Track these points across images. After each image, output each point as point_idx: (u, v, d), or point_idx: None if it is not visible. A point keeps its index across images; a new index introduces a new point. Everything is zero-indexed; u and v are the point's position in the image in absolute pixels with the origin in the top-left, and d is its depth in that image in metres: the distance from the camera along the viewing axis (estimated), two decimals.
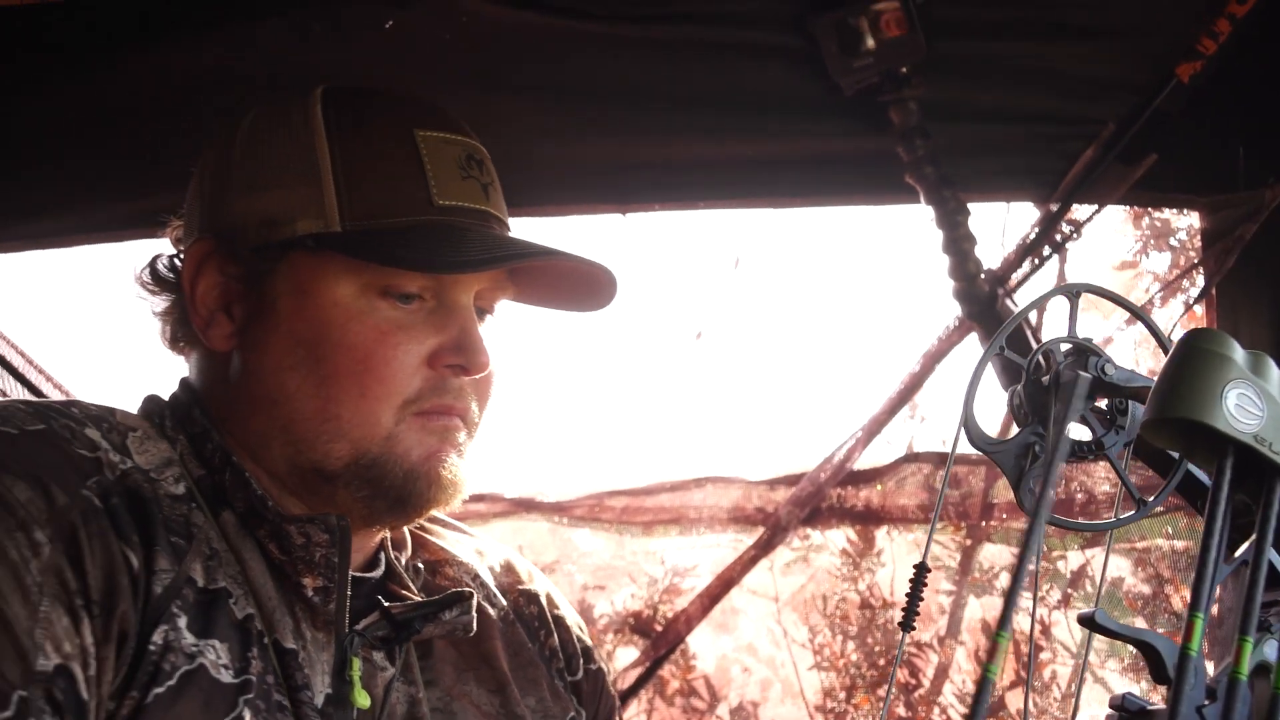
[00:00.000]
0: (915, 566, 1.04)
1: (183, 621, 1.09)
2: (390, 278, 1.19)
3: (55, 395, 2.32)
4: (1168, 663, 0.91)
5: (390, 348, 1.19)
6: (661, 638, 2.88)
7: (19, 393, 2.27)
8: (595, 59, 1.85)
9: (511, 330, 1.38)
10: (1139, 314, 1.13)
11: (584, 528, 2.94)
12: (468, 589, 1.30)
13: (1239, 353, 0.79)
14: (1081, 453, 1.06)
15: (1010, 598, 0.75)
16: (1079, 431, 1.07)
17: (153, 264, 1.31)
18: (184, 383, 1.29)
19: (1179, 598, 2.73)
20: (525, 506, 2.88)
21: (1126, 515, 1.08)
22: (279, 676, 1.14)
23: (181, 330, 1.29)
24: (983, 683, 0.73)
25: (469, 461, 1.24)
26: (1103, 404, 1.07)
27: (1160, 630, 1.15)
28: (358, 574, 1.26)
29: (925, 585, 1.05)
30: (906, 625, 1.03)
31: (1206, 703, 0.87)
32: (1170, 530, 2.74)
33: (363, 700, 1.19)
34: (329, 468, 1.20)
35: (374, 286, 1.20)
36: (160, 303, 1.31)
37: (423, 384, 1.20)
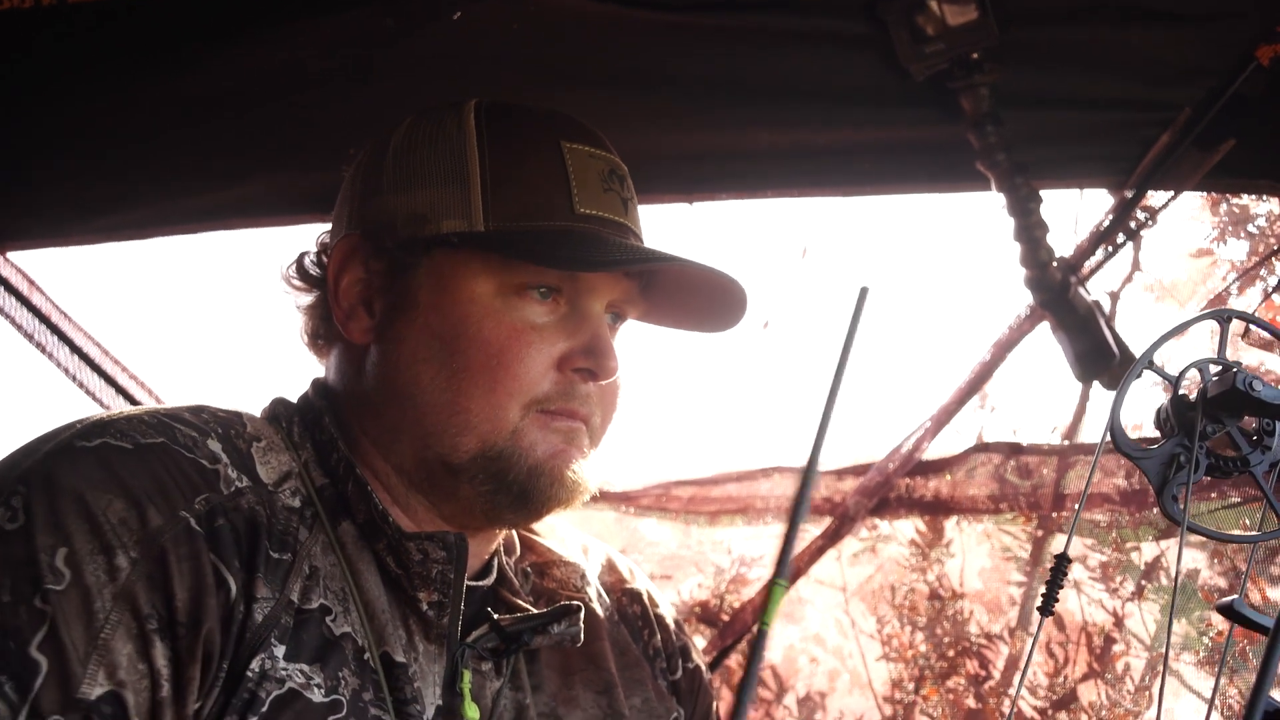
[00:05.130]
0: (1056, 557, 1.06)
1: (280, 650, 1.10)
2: (526, 277, 1.21)
3: (144, 398, 2.36)
4: None
5: (522, 346, 1.21)
6: (728, 627, 2.87)
7: (110, 396, 2.31)
8: (663, 49, 1.85)
9: None
10: None
11: (650, 517, 2.95)
12: (577, 602, 1.30)
13: None
14: (1226, 469, 1.06)
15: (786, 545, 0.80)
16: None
17: (300, 260, 1.34)
18: (317, 384, 1.32)
19: (1256, 591, 2.68)
20: (592, 495, 2.88)
21: (1272, 531, 1.07)
22: (381, 691, 1.15)
23: (323, 326, 1.32)
24: (759, 638, 0.78)
25: (592, 465, 1.26)
26: (1252, 425, 1.07)
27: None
28: (470, 582, 1.27)
29: (1066, 575, 1.07)
30: (1045, 610, 1.06)
31: None
32: (1248, 522, 2.69)
33: (472, 712, 1.21)
34: (455, 460, 1.21)
35: (511, 286, 1.22)
36: (304, 299, 1.33)
37: (551, 387, 1.22)
